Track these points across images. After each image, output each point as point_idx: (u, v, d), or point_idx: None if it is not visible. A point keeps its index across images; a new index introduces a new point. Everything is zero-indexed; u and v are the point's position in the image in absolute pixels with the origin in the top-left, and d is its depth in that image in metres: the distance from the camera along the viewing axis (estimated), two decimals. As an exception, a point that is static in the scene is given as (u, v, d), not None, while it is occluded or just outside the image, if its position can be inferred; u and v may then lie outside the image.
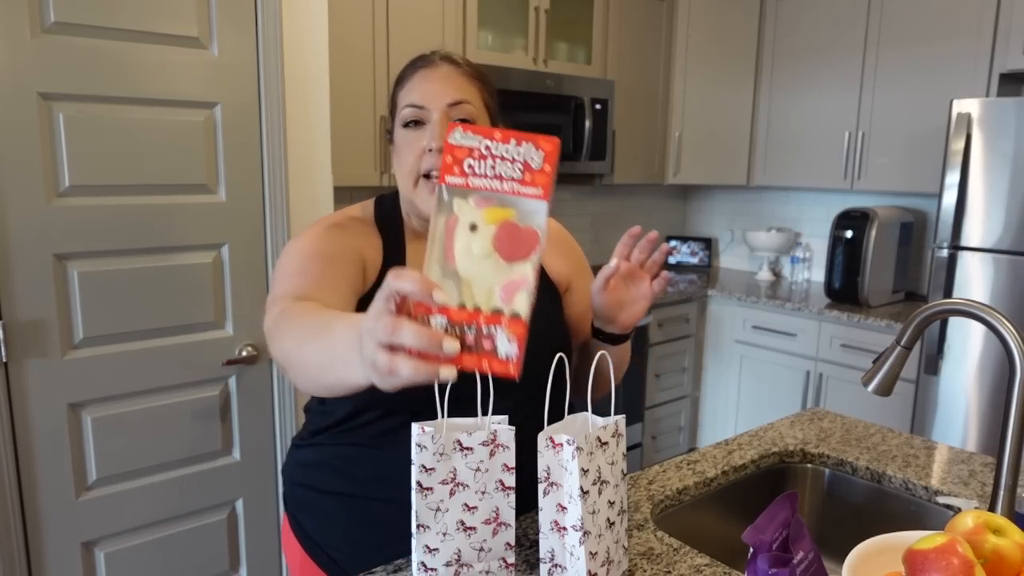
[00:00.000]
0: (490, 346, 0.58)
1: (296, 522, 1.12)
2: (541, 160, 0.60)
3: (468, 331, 0.58)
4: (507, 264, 0.59)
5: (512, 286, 0.59)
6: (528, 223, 0.60)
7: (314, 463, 1.10)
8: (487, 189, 0.60)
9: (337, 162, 2.34)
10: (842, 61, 3.16)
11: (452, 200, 0.60)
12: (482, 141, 0.60)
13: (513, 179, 0.60)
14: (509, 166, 0.60)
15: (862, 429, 1.52)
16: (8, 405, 1.55)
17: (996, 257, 2.48)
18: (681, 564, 0.99)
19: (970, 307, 0.98)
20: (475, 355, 0.58)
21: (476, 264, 0.60)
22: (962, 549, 0.69)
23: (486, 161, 0.60)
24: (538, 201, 0.60)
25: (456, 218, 0.60)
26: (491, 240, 0.60)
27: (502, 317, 0.58)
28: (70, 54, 1.54)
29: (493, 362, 0.58)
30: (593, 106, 3.08)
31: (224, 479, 1.88)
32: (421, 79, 1.01)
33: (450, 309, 0.58)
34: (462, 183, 0.60)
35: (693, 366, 3.52)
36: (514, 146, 0.60)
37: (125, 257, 1.67)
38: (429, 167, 0.99)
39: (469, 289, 0.59)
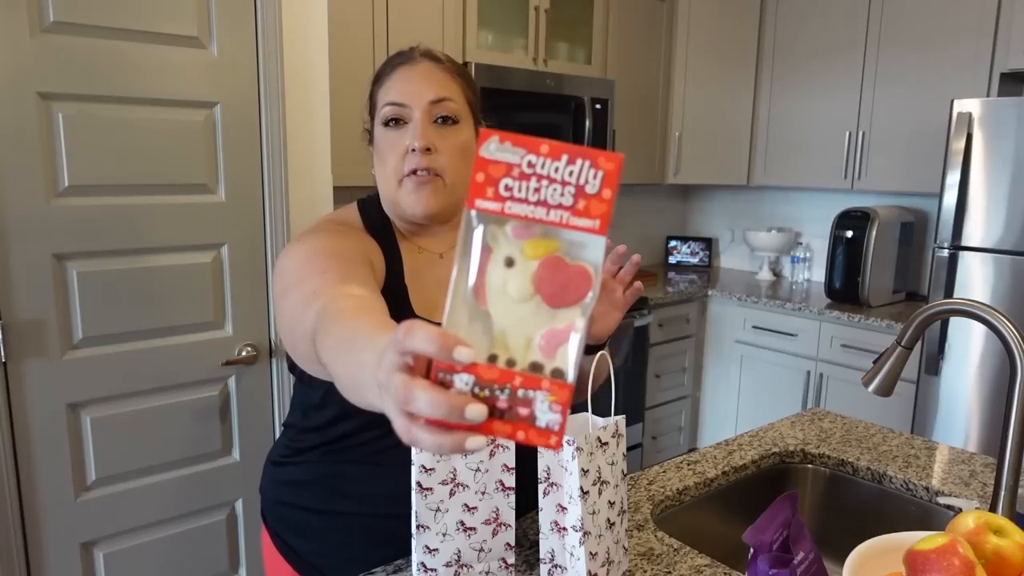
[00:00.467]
0: (527, 413, 0.46)
1: (282, 541, 1.07)
2: (599, 183, 0.47)
3: (500, 393, 0.47)
4: (551, 310, 0.47)
5: (556, 337, 0.47)
6: (579, 259, 0.48)
7: (302, 482, 1.05)
8: (529, 218, 0.47)
9: (337, 162, 2.34)
10: (843, 61, 3.16)
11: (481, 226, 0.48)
12: (524, 156, 0.47)
13: (562, 206, 0.47)
14: (558, 189, 0.47)
15: (863, 429, 1.52)
16: (7, 405, 1.55)
17: (997, 257, 2.48)
18: (681, 564, 0.99)
19: (971, 307, 0.98)
20: (508, 423, 0.47)
21: (512, 308, 0.48)
22: (963, 550, 0.69)
23: (528, 182, 0.47)
24: (593, 236, 0.47)
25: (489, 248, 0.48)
26: (532, 279, 0.48)
27: (542, 379, 0.46)
28: (70, 54, 1.54)
29: (530, 432, 0.47)
30: (593, 106, 3.08)
31: (223, 479, 1.88)
32: (401, 77, 0.98)
33: (479, 365, 0.46)
34: (497, 209, 0.47)
35: (693, 366, 3.52)
36: (565, 164, 0.47)
37: (124, 257, 1.67)
38: (413, 166, 0.96)
39: (503, 339, 0.47)
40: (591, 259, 0.47)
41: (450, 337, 0.44)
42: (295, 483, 1.06)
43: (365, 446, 1.02)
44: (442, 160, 0.97)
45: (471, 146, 1.00)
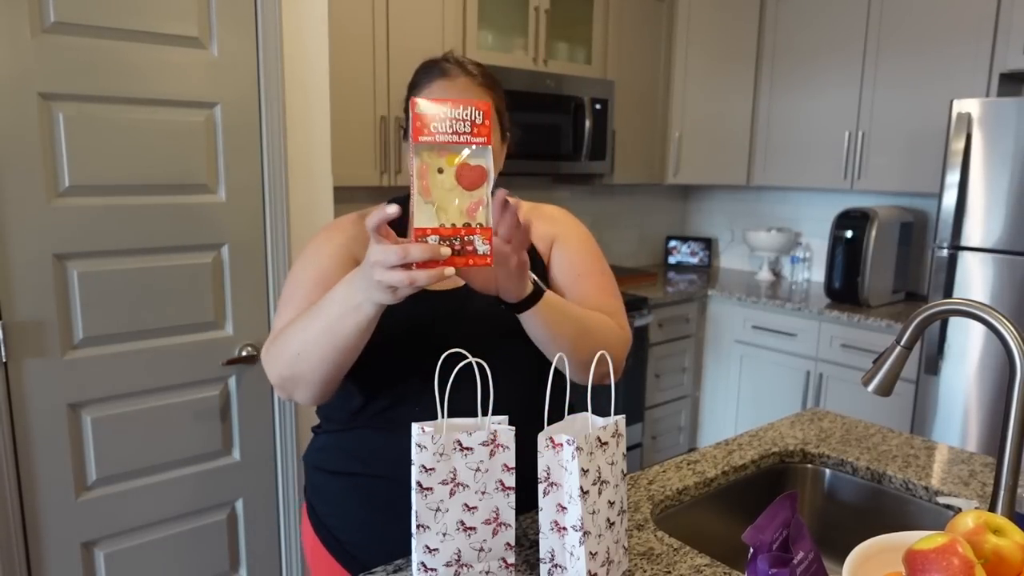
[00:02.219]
0: (471, 248, 0.82)
1: (311, 507, 1.17)
2: (482, 117, 0.82)
3: (454, 241, 0.81)
4: (468, 192, 0.81)
5: (474, 206, 0.81)
6: (478, 162, 0.82)
7: (328, 446, 1.15)
8: (448, 143, 0.81)
9: (337, 162, 2.34)
10: (842, 61, 3.16)
11: (421, 153, 0.80)
12: (439, 108, 0.81)
13: (464, 132, 0.81)
14: (461, 124, 0.81)
15: (862, 429, 1.52)
16: (8, 405, 1.55)
17: (996, 257, 2.48)
18: (681, 564, 0.99)
19: (970, 307, 0.98)
20: (461, 257, 0.81)
21: (446, 195, 0.81)
22: (962, 549, 0.69)
23: (444, 122, 0.81)
24: (483, 147, 0.82)
25: (427, 165, 0.81)
26: (455, 176, 0.81)
27: (474, 228, 0.81)
28: (70, 54, 1.54)
29: (475, 259, 0.82)
30: (593, 106, 3.08)
31: (224, 479, 1.88)
32: (439, 89, 1.05)
33: (439, 229, 0.81)
34: (431, 140, 0.81)
35: (693, 366, 3.52)
36: (462, 110, 0.81)
37: (125, 257, 1.67)
38: None
39: (444, 213, 0.81)
40: (485, 161, 0.82)
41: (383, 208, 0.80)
42: (321, 448, 1.16)
43: (377, 416, 1.09)
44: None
45: (498, 153, 1.12)
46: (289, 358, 0.97)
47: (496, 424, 0.90)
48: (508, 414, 0.93)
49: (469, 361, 0.88)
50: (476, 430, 0.89)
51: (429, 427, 0.87)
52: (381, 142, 2.53)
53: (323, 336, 0.92)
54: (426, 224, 0.80)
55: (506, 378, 0.96)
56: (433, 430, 0.87)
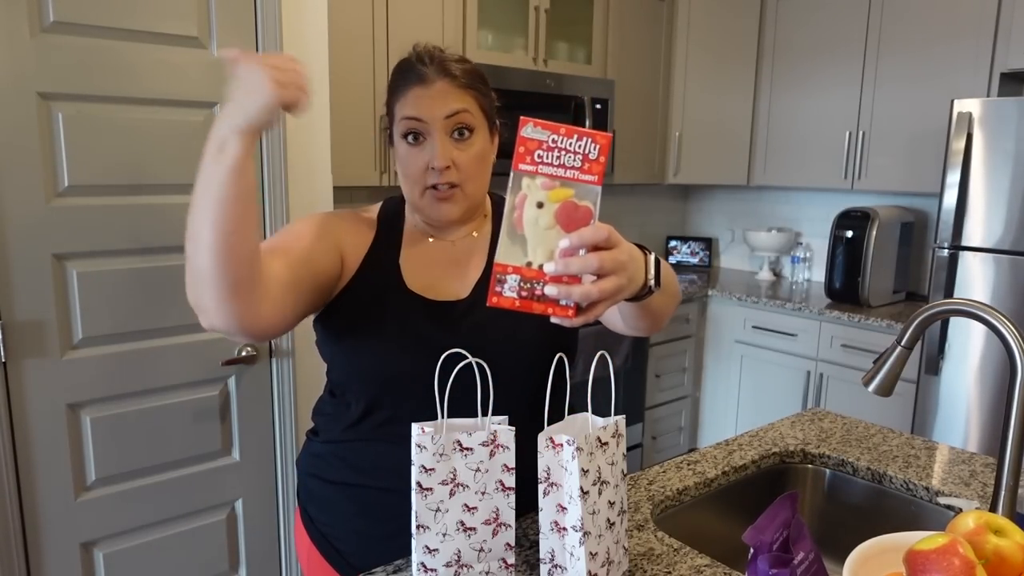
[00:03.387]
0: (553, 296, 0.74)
1: (305, 513, 1.15)
2: (597, 152, 0.74)
3: (536, 285, 0.74)
4: (565, 234, 0.74)
5: (570, 251, 0.74)
6: (585, 202, 0.74)
7: (323, 453, 1.13)
8: (553, 176, 0.74)
9: (337, 162, 2.34)
10: (843, 60, 3.16)
11: (522, 181, 0.74)
12: (549, 136, 0.74)
13: (574, 167, 0.74)
14: (571, 157, 0.74)
15: (863, 429, 1.52)
16: (7, 405, 1.55)
17: (997, 257, 2.48)
18: (681, 565, 0.99)
19: (971, 307, 0.98)
20: (541, 303, 0.74)
21: (541, 233, 0.74)
22: (963, 550, 0.69)
23: (552, 152, 0.74)
24: (593, 186, 0.75)
25: (525, 196, 0.74)
26: (554, 215, 0.74)
27: (562, 277, 0.73)
28: (69, 54, 1.54)
29: (556, 308, 0.74)
30: (593, 106, 3.08)
31: (224, 479, 1.88)
32: (416, 96, 1.01)
33: (521, 268, 0.74)
34: (532, 170, 0.74)
35: (693, 366, 3.52)
36: (575, 140, 0.74)
37: (124, 257, 1.67)
38: (434, 182, 1.02)
39: (535, 253, 0.74)
40: (592, 201, 0.75)
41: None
42: (317, 455, 1.14)
43: (377, 428, 1.07)
44: (460, 174, 1.03)
45: (487, 151, 1.07)
46: (188, 256, 0.82)
47: (496, 424, 0.90)
48: (516, 425, 0.92)
49: (470, 367, 0.88)
50: (476, 430, 0.88)
51: (429, 427, 0.87)
52: (381, 142, 2.53)
53: (202, 209, 0.78)
54: (509, 260, 0.73)
55: (505, 388, 0.94)
56: (433, 430, 0.87)
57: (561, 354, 0.97)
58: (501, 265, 0.73)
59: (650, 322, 1.00)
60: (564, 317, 0.74)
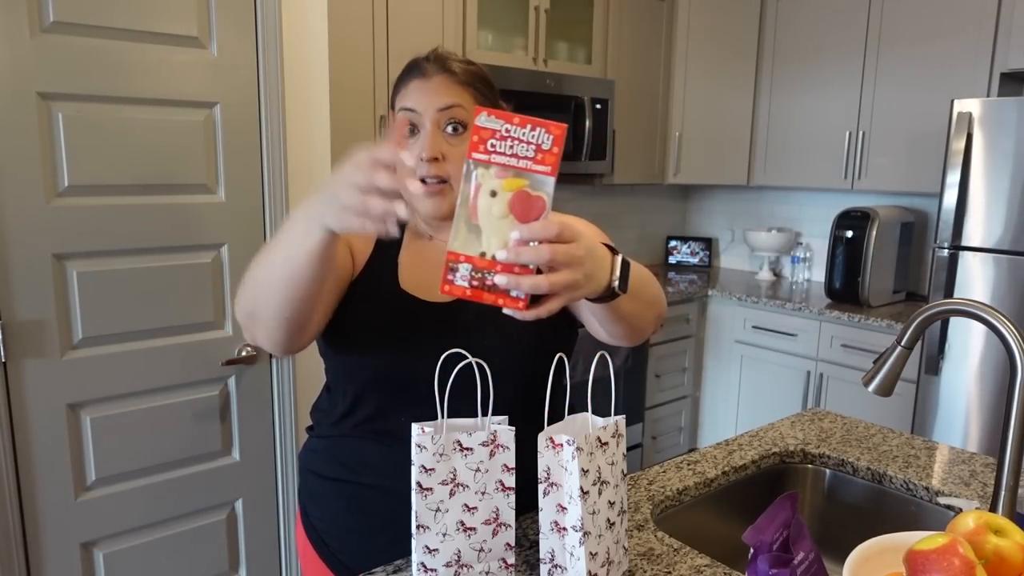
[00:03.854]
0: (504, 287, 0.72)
1: (303, 509, 1.16)
2: (551, 143, 0.73)
3: (488, 275, 0.72)
4: (519, 224, 0.73)
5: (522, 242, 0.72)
6: (538, 192, 0.73)
7: (318, 449, 1.14)
8: (506, 165, 0.73)
9: (337, 162, 2.33)
10: (842, 61, 3.16)
11: (476, 170, 0.73)
12: (503, 125, 0.72)
13: (527, 157, 0.73)
14: (524, 147, 0.73)
15: (863, 429, 1.52)
16: (7, 405, 1.55)
17: (997, 257, 2.48)
18: (681, 565, 0.99)
19: (971, 307, 0.98)
20: (493, 294, 0.73)
21: (495, 222, 0.73)
22: (963, 550, 0.69)
23: (506, 142, 0.73)
24: (547, 177, 0.73)
25: (479, 185, 0.73)
26: (508, 204, 0.73)
27: (514, 267, 0.72)
28: (69, 54, 1.54)
29: (507, 299, 0.73)
30: (593, 106, 3.08)
31: (224, 479, 1.88)
32: (415, 88, 1.03)
33: (473, 257, 0.72)
34: (485, 159, 0.73)
35: (693, 366, 3.52)
36: (529, 130, 0.73)
37: (124, 257, 1.67)
38: (423, 174, 1.01)
39: (488, 242, 0.72)
40: (546, 192, 0.73)
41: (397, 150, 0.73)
42: (313, 450, 1.15)
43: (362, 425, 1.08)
44: (450, 168, 1.02)
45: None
46: (250, 293, 0.92)
47: (496, 424, 0.90)
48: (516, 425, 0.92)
49: (467, 370, 0.88)
50: (476, 430, 0.88)
51: (429, 427, 0.87)
52: (381, 142, 2.53)
53: (278, 267, 0.86)
54: (461, 249, 0.72)
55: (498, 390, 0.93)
56: (433, 430, 0.87)
57: (561, 354, 0.97)
58: (453, 254, 0.73)
59: (624, 329, 0.97)
60: (515, 308, 0.73)
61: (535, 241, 0.72)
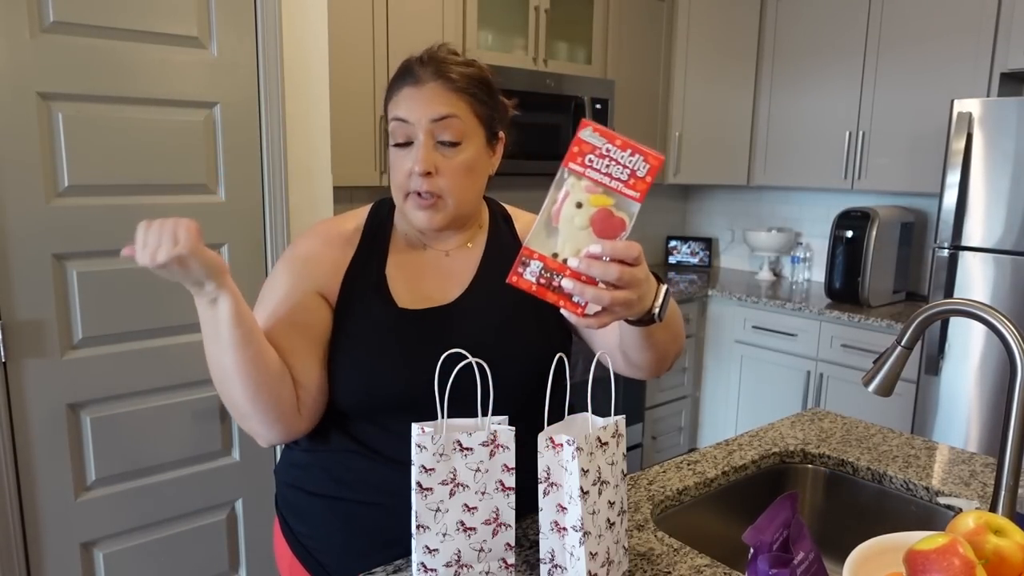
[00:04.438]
0: (568, 291, 0.77)
1: (286, 524, 1.11)
2: (646, 171, 0.76)
3: (555, 276, 0.77)
4: (596, 238, 0.77)
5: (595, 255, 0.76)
6: (621, 213, 0.77)
7: (304, 464, 1.09)
8: (598, 182, 0.77)
9: (337, 162, 2.34)
10: (842, 61, 3.16)
11: (568, 179, 0.77)
12: (605, 144, 0.76)
13: (620, 179, 0.77)
14: (620, 168, 0.76)
15: (863, 429, 1.52)
16: (7, 405, 1.55)
17: (997, 257, 2.48)
18: (681, 565, 0.99)
19: (971, 307, 0.98)
20: (556, 294, 0.77)
21: (574, 231, 0.77)
22: (963, 550, 0.69)
23: (604, 160, 0.76)
24: (634, 202, 0.77)
25: (568, 193, 0.77)
26: (590, 217, 0.77)
27: (582, 275, 0.76)
28: (70, 54, 1.54)
29: (568, 303, 0.78)
30: (593, 106, 3.08)
31: (224, 479, 1.88)
32: (407, 96, 0.99)
33: (546, 258, 0.77)
34: (580, 171, 0.77)
35: (693, 366, 3.52)
36: (628, 155, 0.76)
37: (125, 257, 1.67)
38: (415, 188, 0.99)
39: (563, 247, 0.77)
40: (629, 215, 0.77)
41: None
42: (299, 465, 1.10)
43: (358, 437, 1.04)
44: (442, 183, 0.99)
45: (479, 159, 1.03)
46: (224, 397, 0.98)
47: (496, 424, 0.89)
48: (517, 425, 0.92)
49: (465, 374, 0.88)
50: (476, 430, 0.88)
51: (429, 427, 0.87)
52: (381, 142, 2.53)
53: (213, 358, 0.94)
54: (537, 248, 0.77)
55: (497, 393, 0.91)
56: (433, 430, 0.87)
57: (561, 354, 0.97)
58: (528, 250, 0.77)
59: (651, 358, 0.99)
60: (572, 312, 0.78)
61: (609, 258, 0.76)
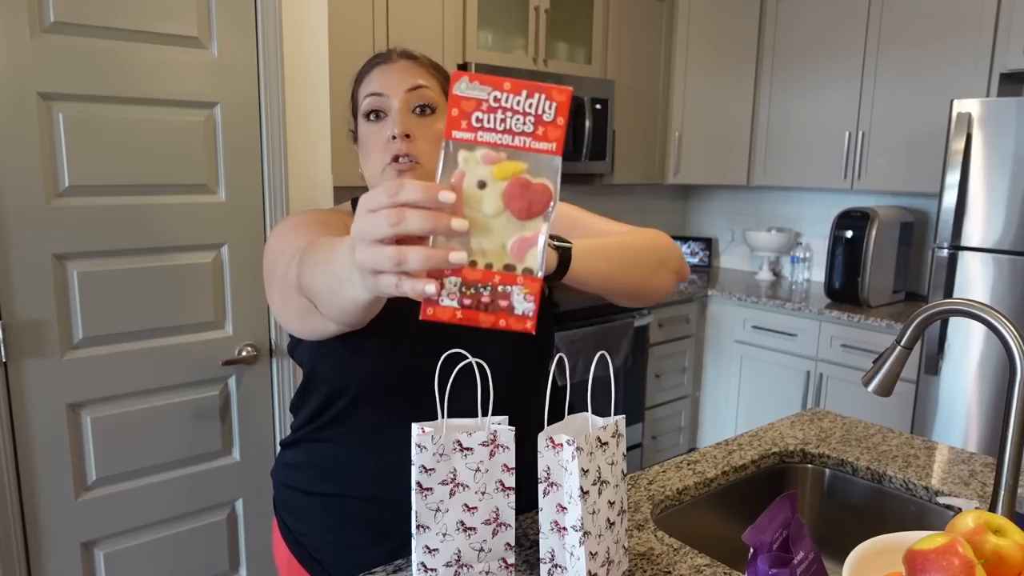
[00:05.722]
0: (506, 304, 0.58)
1: (284, 524, 1.12)
2: (554, 112, 0.57)
3: (483, 291, 0.57)
4: (519, 221, 0.57)
5: (525, 243, 0.57)
6: (541, 178, 0.57)
7: (299, 464, 1.10)
8: (498, 144, 0.57)
9: (337, 162, 2.34)
10: (842, 61, 3.16)
11: (458, 154, 0.57)
12: (491, 92, 0.56)
13: (525, 133, 0.57)
14: (519, 119, 0.57)
15: (862, 429, 1.52)
16: (8, 405, 1.55)
17: (996, 257, 2.48)
18: (681, 564, 0.99)
19: (970, 307, 0.98)
20: (492, 314, 0.58)
21: (487, 222, 0.57)
22: (963, 549, 0.69)
23: (495, 114, 0.57)
24: (551, 156, 0.57)
25: (463, 174, 0.57)
26: (502, 197, 0.57)
27: (517, 275, 0.57)
28: (70, 54, 1.54)
29: (511, 320, 0.58)
30: (593, 106, 3.08)
31: (224, 479, 1.88)
32: (379, 72, 1.02)
33: (464, 268, 0.57)
34: (470, 138, 0.57)
35: (693, 366, 3.52)
36: (525, 97, 0.57)
37: (125, 257, 1.67)
38: (394, 153, 0.98)
39: (480, 248, 0.57)
40: (551, 176, 0.57)
41: (434, 188, 0.54)
42: (293, 465, 1.11)
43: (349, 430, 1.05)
44: (421, 147, 0.98)
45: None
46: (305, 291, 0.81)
47: (496, 424, 0.90)
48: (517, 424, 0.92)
49: (463, 369, 0.88)
50: (476, 430, 0.89)
51: (429, 427, 0.87)
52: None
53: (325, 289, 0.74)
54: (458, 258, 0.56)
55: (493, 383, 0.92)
56: (433, 430, 0.87)
57: (561, 354, 0.97)
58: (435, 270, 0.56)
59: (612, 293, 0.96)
60: (523, 330, 0.59)
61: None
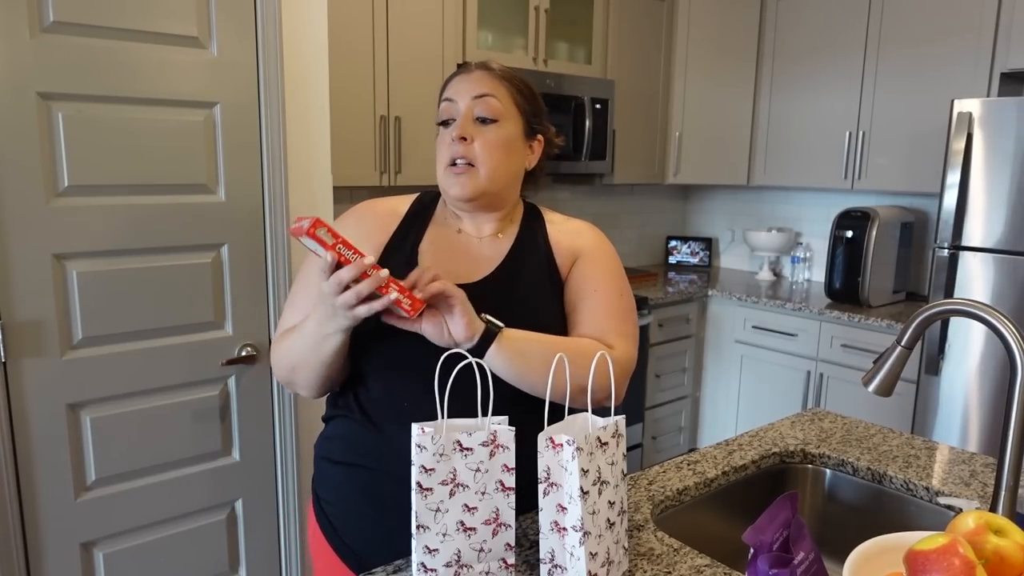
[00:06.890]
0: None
1: (316, 496, 1.19)
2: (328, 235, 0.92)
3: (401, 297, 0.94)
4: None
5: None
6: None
7: (331, 436, 1.17)
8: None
9: (337, 162, 2.34)
10: (842, 61, 3.16)
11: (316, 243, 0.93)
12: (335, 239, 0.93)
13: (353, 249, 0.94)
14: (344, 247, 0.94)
15: (863, 429, 1.52)
16: (7, 405, 1.55)
17: (997, 257, 2.48)
18: (681, 565, 0.99)
19: (971, 307, 0.98)
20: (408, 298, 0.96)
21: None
22: (963, 550, 0.69)
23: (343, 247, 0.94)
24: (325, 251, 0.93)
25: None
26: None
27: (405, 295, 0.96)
28: (69, 54, 1.54)
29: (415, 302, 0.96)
30: (593, 106, 3.08)
31: (224, 479, 1.88)
32: (456, 81, 1.14)
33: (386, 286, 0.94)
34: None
35: (693, 366, 3.52)
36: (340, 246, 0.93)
37: (124, 257, 1.67)
38: (452, 155, 1.09)
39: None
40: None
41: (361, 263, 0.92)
42: (327, 438, 1.19)
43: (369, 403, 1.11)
44: (477, 150, 1.09)
45: (513, 142, 1.13)
46: (287, 367, 1.09)
47: (496, 424, 0.90)
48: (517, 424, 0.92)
49: (467, 367, 0.88)
50: (476, 430, 0.88)
51: (429, 427, 0.87)
52: (381, 142, 2.53)
53: (309, 356, 1.04)
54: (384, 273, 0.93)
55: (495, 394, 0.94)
56: (433, 431, 0.87)
57: (561, 354, 0.97)
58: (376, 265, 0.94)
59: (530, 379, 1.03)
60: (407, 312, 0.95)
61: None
